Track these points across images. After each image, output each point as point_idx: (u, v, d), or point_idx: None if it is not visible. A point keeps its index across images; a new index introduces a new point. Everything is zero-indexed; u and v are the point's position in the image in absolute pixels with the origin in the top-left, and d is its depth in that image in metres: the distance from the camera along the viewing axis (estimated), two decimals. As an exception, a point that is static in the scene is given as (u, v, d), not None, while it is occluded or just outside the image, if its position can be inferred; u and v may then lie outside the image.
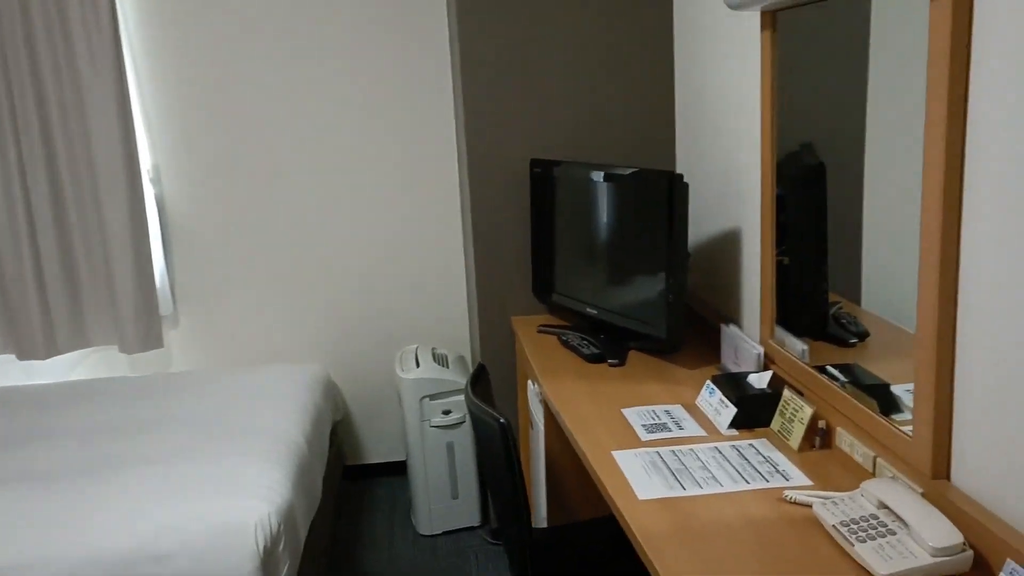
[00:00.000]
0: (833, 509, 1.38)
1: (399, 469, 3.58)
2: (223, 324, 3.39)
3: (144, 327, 3.19)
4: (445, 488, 3.07)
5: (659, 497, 1.53)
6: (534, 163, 2.71)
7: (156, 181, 3.24)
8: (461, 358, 3.25)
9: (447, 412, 3.02)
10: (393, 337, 3.48)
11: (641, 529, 1.43)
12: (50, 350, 3.17)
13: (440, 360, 3.13)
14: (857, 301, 1.76)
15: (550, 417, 2.32)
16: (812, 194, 1.87)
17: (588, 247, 2.52)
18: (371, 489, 3.49)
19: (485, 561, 2.91)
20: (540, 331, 2.65)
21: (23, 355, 3.15)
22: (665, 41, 2.72)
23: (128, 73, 3.07)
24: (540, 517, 2.53)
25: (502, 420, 1.74)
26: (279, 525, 2.15)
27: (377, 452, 3.59)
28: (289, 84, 3.22)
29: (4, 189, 3.02)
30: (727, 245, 2.35)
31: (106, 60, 2.96)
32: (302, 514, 2.39)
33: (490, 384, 2.04)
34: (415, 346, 3.26)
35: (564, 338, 2.52)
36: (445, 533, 3.10)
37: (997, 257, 1.23)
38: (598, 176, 2.42)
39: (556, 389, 2.14)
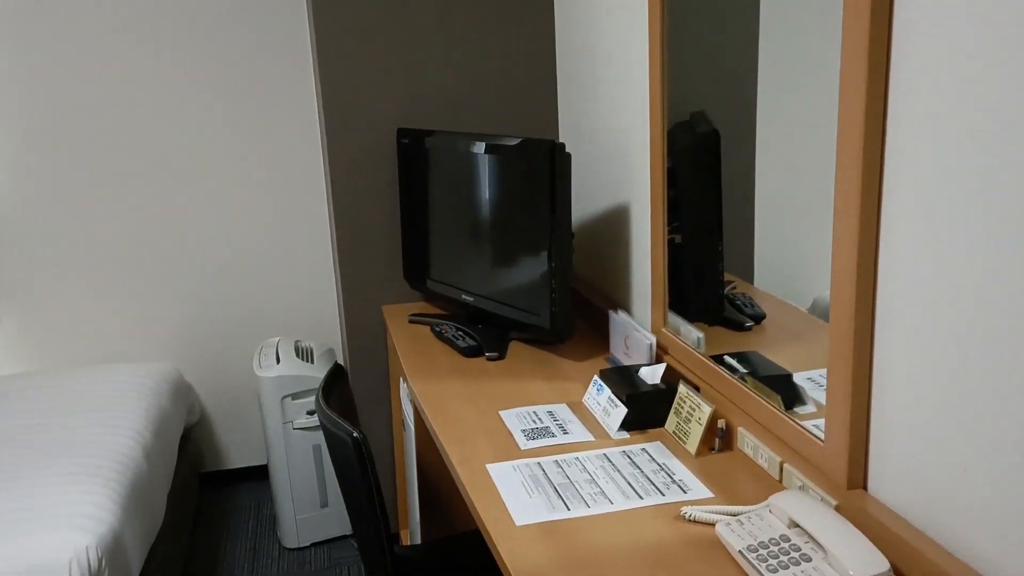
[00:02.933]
0: (739, 530, 1.18)
1: (263, 473, 3.25)
2: (57, 321, 2.97)
3: (-47, 326, 2.74)
4: (313, 496, 2.77)
5: (539, 521, 1.30)
6: (401, 133, 2.43)
7: (-37, 155, 2.78)
8: (330, 351, 2.95)
9: (312, 412, 2.72)
10: (254, 330, 3.14)
11: (516, 562, 1.20)
12: None
13: (304, 354, 2.82)
14: (750, 279, 1.59)
15: (421, 420, 2.06)
16: (705, 165, 1.68)
17: (464, 227, 2.26)
18: (232, 498, 3.15)
19: (360, 574, 2.64)
20: (412, 321, 2.39)
21: None
22: None
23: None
24: (413, 531, 2.27)
25: (355, 434, 1.47)
26: (100, 559, 1.82)
27: (238, 456, 3.25)
28: (129, 61, 2.81)
29: None
30: (615, 223, 2.14)
31: None
32: (136, 541, 2.06)
33: (348, 387, 1.78)
34: (277, 339, 2.93)
35: (437, 329, 2.26)
36: (314, 544, 2.80)
37: (921, 232, 1.05)
38: (473, 146, 2.17)
39: (427, 389, 1.88)
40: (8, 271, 2.89)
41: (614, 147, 2.10)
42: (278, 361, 2.73)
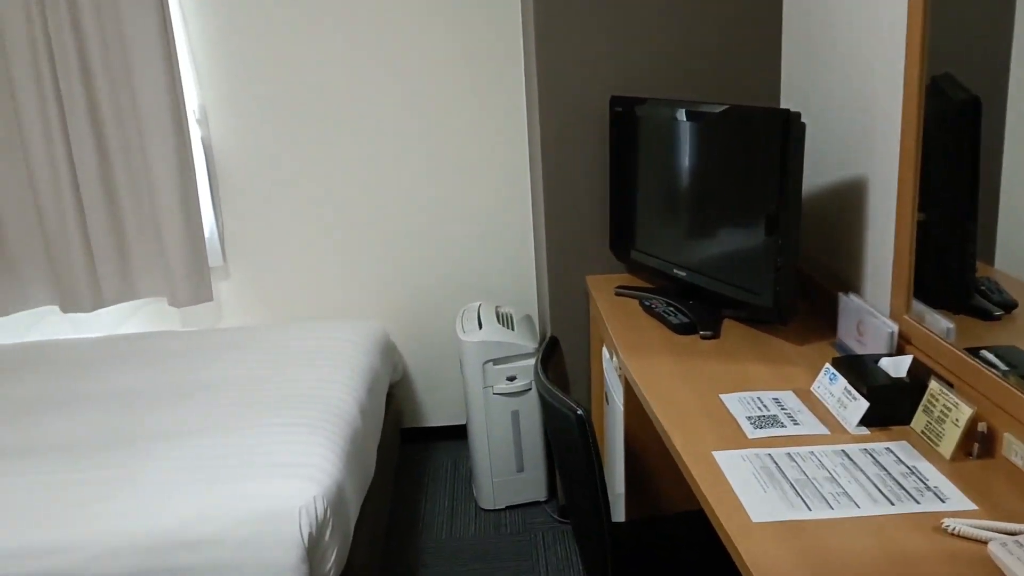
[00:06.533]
0: (1020, 553, 1.06)
1: (460, 433, 3.34)
2: (275, 277, 3.17)
3: (193, 279, 2.98)
4: (509, 460, 2.82)
5: (779, 520, 1.22)
6: (615, 101, 2.36)
7: (203, 123, 2.99)
8: (527, 318, 2.96)
9: (512, 379, 2.75)
10: (455, 292, 3.21)
11: (757, 563, 1.13)
12: (96, 302, 2.99)
13: (505, 320, 2.85)
14: (991, 262, 1.43)
15: (631, 395, 2.02)
16: (961, 135, 1.51)
17: (678, 199, 2.18)
18: (430, 454, 3.26)
19: (553, 541, 2.66)
20: (618, 293, 2.34)
21: (67, 307, 2.98)
22: (772, -44, 2.32)
23: (171, 4, 2.81)
24: (616, 507, 2.25)
25: (579, 411, 1.45)
26: (326, 510, 1.92)
27: (437, 415, 3.35)
28: (346, 20, 2.91)
29: (44, 131, 2.81)
30: (848, 198, 1.98)
31: (145, -12, 2.71)
32: (353, 494, 2.16)
33: (564, 361, 1.76)
34: (478, 304, 2.99)
35: (647, 303, 2.20)
36: (509, 508, 2.86)
37: None
38: (691, 115, 2.07)
39: (641, 366, 1.83)
40: (239, 229, 3.10)
41: (851, 116, 1.94)
42: (480, 326, 2.78)
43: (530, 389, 2.76)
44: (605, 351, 2.43)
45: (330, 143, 3.03)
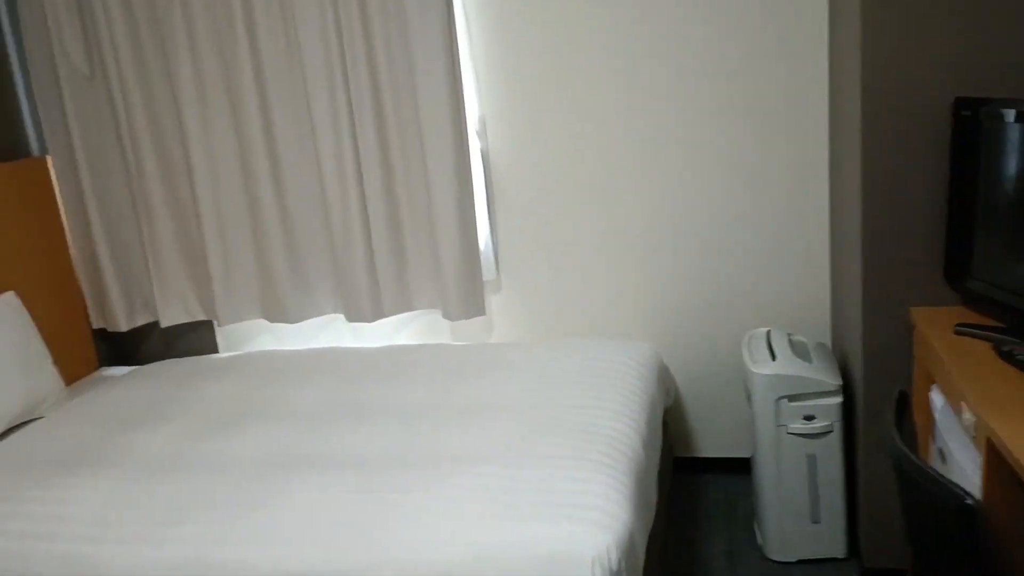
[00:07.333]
0: None
1: (736, 466, 3.07)
2: (545, 292, 3.07)
3: (467, 292, 2.96)
4: (803, 508, 2.51)
5: None
6: (961, 103, 1.99)
7: (482, 134, 2.96)
8: (822, 347, 2.64)
9: (810, 418, 2.44)
10: (736, 314, 2.94)
11: None
12: (376, 313, 3.06)
13: (799, 351, 2.55)
14: None
15: (995, 464, 1.66)
16: None
17: (1050, 221, 1.78)
18: (702, 488, 3.02)
19: (854, 607, 2.33)
20: (960, 332, 1.97)
21: (351, 317, 3.07)
22: None
23: (457, 15, 2.79)
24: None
25: (968, 501, 1.15)
26: (619, 560, 1.75)
27: (711, 445, 3.10)
28: (627, 27, 2.75)
29: (335, 147, 2.91)
30: None
31: (435, 2, 2.70)
32: (640, 539, 1.98)
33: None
34: (766, 330, 2.70)
35: (1005, 349, 1.82)
36: (800, 562, 2.54)
37: None
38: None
39: (1017, 432, 1.48)
40: (511, 242, 3.04)
41: None
42: (773, 356, 2.50)
43: (831, 431, 2.43)
44: (935, 396, 2.06)
45: (607, 154, 2.88)
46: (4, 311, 2.74)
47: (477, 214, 2.96)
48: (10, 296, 2.82)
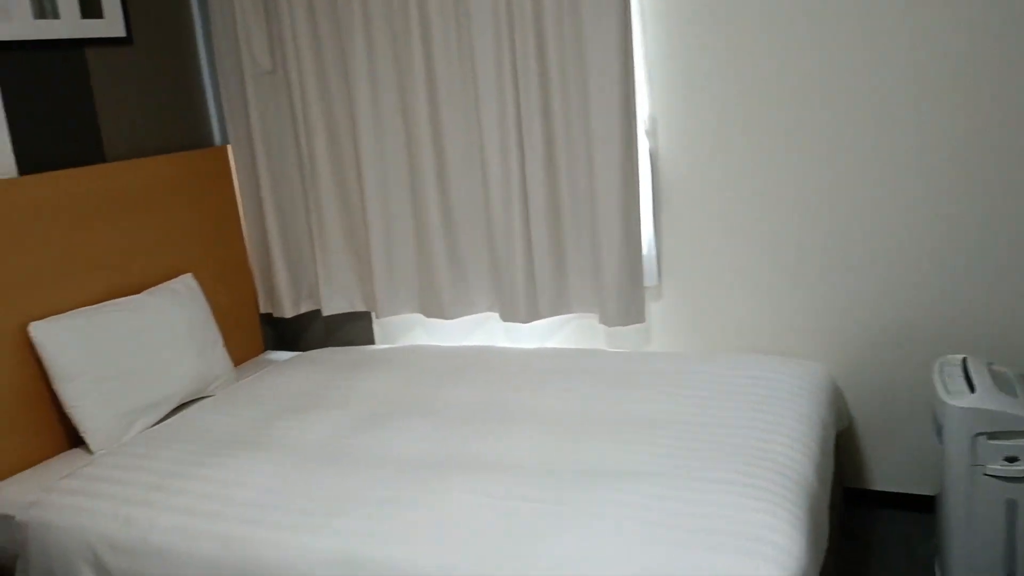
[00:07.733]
0: None
1: (915, 504, 2.80)
2: (709, 302, 2.91)
3: (627, 298, 2.84)
4: (996, 558, 2.24)
5: None
6: None
7: (652, 134, 2.84)
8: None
9: (1012, 459, 2.17)
10: (925, 336, 2.67)
11: None
12: (532, 314, 3.00)
13: (1002, 382, 2.28)
14: None
15: None
16: None
17: None
18: (875, 524, 2.77)
19: None
20: None
21: (506, 316, 3.02)
22: None
23: (633, 10, 2.68)
24: None
25: None
26: (792, 601, 1.60)
27: (887, 478, 2.84)
28: (816, 22, 2.55)
29: (501, 141, 2.87)
30: None
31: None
32: (813, 573, 1.81)
33: None
34: (961, 357, 2.44)
35: None
36: (990, 619, 2.28)
37: None
38: None
39: None
40: (676, 248, 2.90)
41: None
42: (972, 388, 2.24)
43: (1037, 476, 2.16)
44: None
45: (784, 159, 2.69)
46: (182, 291, 2.87)
47: (642, 216, 2.84)
48: (188, 277, 2.96)
